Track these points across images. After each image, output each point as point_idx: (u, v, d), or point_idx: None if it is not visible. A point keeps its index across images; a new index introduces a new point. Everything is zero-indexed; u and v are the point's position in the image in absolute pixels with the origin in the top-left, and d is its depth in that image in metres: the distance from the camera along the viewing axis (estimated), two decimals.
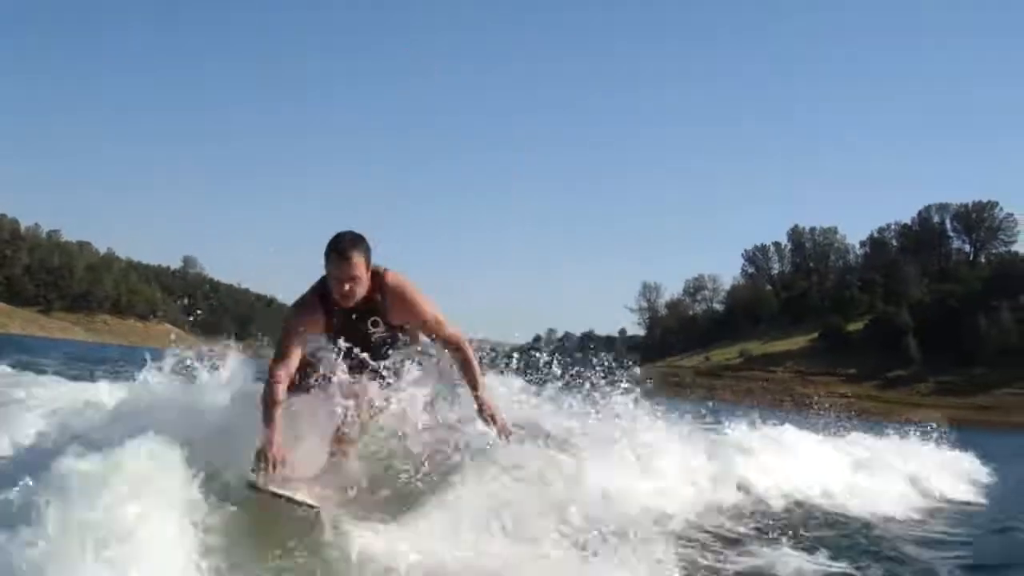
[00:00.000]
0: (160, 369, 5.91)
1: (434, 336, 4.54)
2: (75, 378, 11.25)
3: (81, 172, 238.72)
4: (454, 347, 4.49)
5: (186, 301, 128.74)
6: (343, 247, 4.13)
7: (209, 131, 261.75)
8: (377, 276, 4.27)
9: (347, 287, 4.14)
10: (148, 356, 5.97)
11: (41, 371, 12.81)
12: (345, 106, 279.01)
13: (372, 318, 4.31)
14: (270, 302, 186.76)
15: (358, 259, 4.13)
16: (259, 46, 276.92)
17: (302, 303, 4.37)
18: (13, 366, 12.92)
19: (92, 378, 10.62)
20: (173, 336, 6.24)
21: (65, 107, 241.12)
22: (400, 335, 4.49)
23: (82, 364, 17.68)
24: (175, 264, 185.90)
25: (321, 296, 4.30)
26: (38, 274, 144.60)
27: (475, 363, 4.50)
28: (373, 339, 4.32)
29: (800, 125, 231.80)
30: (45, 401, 8.05)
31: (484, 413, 4.43)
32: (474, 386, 4.46)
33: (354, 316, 4.29)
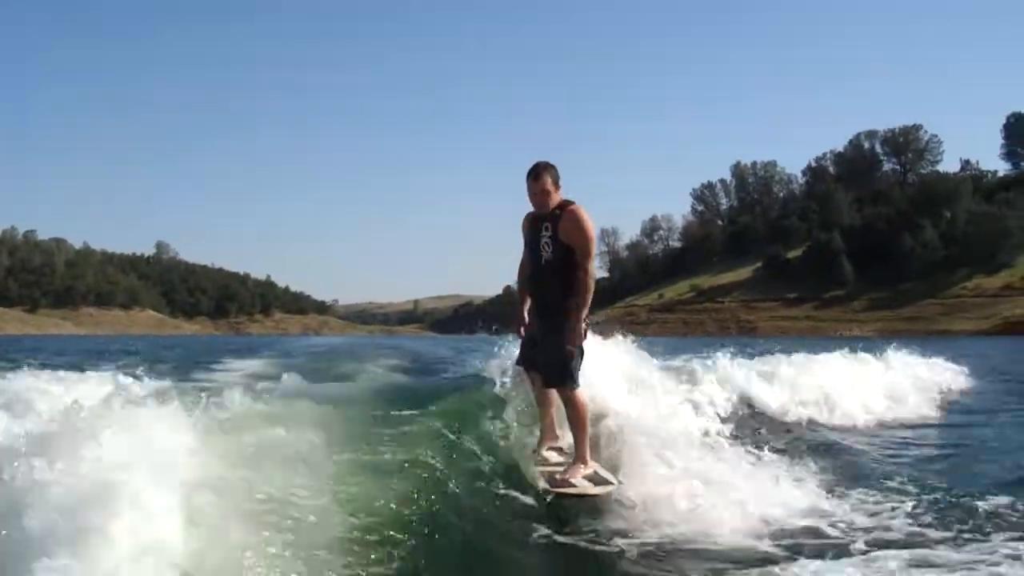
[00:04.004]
0: None
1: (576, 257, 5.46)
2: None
3: (43, 168, 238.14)
4: (581, 271, 5.42)
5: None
6: (535, 170, 5.45)
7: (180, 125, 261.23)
8: (565, 202, 5.50)
9: (538, 198, 5.45)
10: None
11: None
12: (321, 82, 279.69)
13: (546, 223, 5.49)
14: (244, 279, 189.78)
15: (545, 177, 5.40)
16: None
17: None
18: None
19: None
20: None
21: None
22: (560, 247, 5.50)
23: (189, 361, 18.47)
24: (148, 251, 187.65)
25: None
26: (20, 275, 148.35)
27: (587, 290, 5.41)
28: (542, 240, 5.53)
29: (737, 63, 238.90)
30: None
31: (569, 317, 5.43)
32: (576, 303, 5.41)
33: (540, 221, 5.58)
